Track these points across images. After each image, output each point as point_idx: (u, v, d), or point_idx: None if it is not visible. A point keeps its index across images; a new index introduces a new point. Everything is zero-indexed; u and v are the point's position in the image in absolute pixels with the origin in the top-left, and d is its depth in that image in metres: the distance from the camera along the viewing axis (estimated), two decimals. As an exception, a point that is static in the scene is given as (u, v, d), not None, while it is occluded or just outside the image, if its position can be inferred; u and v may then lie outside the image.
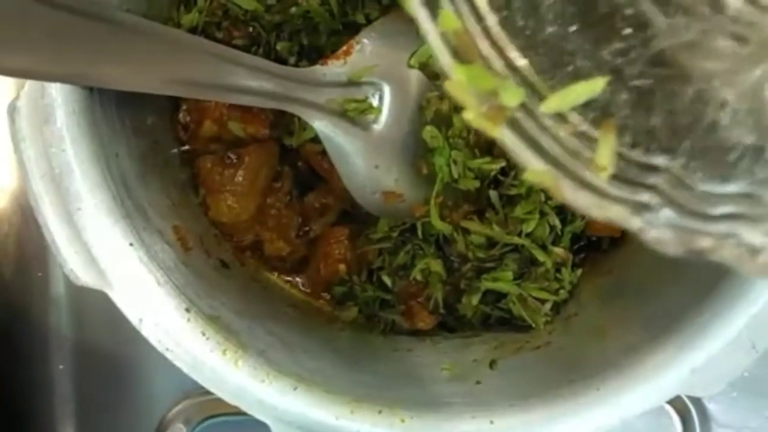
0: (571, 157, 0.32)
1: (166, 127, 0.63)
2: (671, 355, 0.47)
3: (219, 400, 0.48)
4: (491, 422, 0.47)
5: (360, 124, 0.58)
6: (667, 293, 0.53)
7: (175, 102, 0.64)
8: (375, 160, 0.59)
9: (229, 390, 0.48)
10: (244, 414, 0.49)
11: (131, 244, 0.48)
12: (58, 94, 0.46)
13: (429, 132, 0.59)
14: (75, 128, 0.47)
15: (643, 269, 0.60)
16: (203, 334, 0.48)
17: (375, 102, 0.58)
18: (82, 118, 0.47)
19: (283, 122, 0.64)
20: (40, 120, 0.46)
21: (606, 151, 0.32)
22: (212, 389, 0.48)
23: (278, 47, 0.62)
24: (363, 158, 0.58)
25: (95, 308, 0.75)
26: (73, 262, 0.47)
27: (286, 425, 0.47)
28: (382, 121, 0.59)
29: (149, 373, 0.75)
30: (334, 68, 0.57)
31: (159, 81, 0.49)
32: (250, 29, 0.62)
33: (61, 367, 0.76)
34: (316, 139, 0.62)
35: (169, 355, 0.47)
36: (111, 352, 0.75)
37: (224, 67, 0.52)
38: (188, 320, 0.48)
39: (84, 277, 0.47)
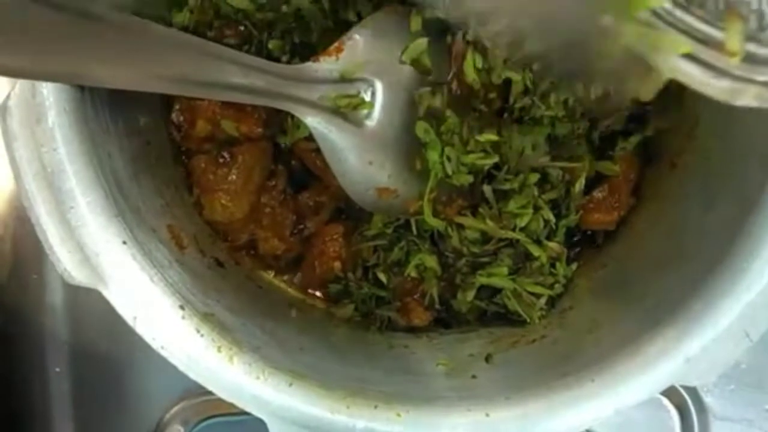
0: (702, 45, 0.34)
1: (158, 127, 0.63)
2: (666, 346, 0.47)
3: (217, 401, 0.48)
4: (487, 415, 0.47)
5: (353, 121, 0.58)
6: (661, 284, 0.53)
7: (167, 102, 0.64)
8: (368, 156, 0.59)
9: (224, 387, 0.48)
10: (242, 414, 0.49)
11: (124, 243, 0.48)
12: (49, 93, 0.46)
13: (421, 127, 0.59)
14: (66, 128, 0.47)
15: (637, 262, 0.60)
16: (198, 332, 0.48)
17: (367, 98, 0.58)
18: (73, 118, 0.47)
19: (276, 121, 0.64)
20: (31, 120, 0.46)
21: (735, 36, 0.32)
22: (207, 386, 0.48)
23: (270, 46, 0.62)
24: (356, 155, 0.58)
25: (91, 310, 0.75)
26: (66, 261, 0.46)
27: (282, 421, 0.47)
28: (374, 118, 0.59)
29: (146, 375, 0.75)
30: (326, 65, 0.57)
31: (150, 79, 0.48)
32: (242, 28, 0.62)
33: (57, 369, 0.75)
34: (309, 138, 0.62)
35: (163, 353, 0.47)
36: (108, 353, 0.75)
37: (216, 64, 0.52)
38: (183, 318, 0.48)
39: (77, 275, 0.47)
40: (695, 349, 0.47)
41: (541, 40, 0.54)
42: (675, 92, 0.62)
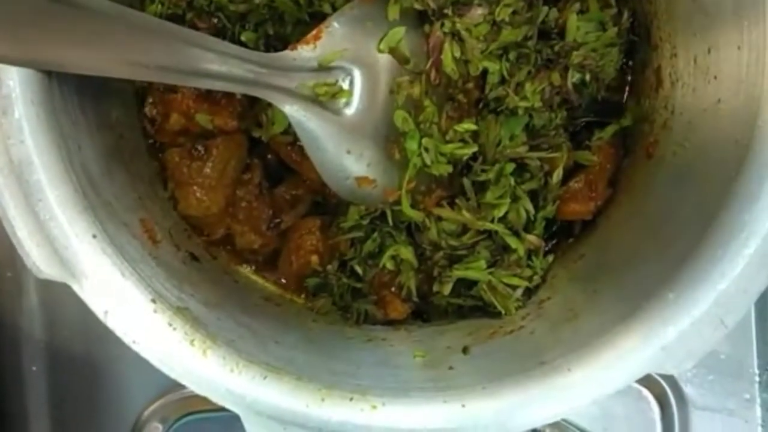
0: None
1: (132, 121, 0.62)
2: (642, 334, 0.47)
3: (195, 398, 0.48)
4: (463, 406, 0.47)
5: (331, 109, 0.58)
6: (637, 273, 0.53)
7: (141, 95, 0.63)
8: (346, 145, 0.58)
9: (198, 381, 0.47)
10: (220, 410, 0.48)
11: (94, 236, 0.47)
12: (15, 85, 0.45)
13: (400, 116, 0.59)
14: (34, 119, 0.46)
15: (613, 252, 0.60)
16: (170, 325, 0.47)
17: (345, 86, 0.58)
18: (41, 109, 0.46)
19: (251, 114, 0.63)
20: (-3, 112, 0.46)
21: None
22: (181, 380, 0.47)
23: (243, 38, 0.61)
24: (334, 143, 0.58)
25: (67, 308, 0.74)
26: (35, 255, 0.46)
27: (257, 415, 0.47)
28: (353, 106, 0.58)
29: (124, 373, 0.75)
30: (303, 53, 0.56)
31: (126, 65, 0.47)
32: (215, 20, 0.62)
33: (33, 368, 0.75)
34: (285, 131, 0.62)
35: (136, 348, 0.47)
36: (84, 352, 0.74)
37: (192, 51, 0.51)
38: (154, 311, 0.47)
39: (46, 269, 0.46)
40: (671, 337, 0.47)
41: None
42: (651, 82, 0.62)
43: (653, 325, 0.47)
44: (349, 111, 0.59)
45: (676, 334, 0.47)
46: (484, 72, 0.62)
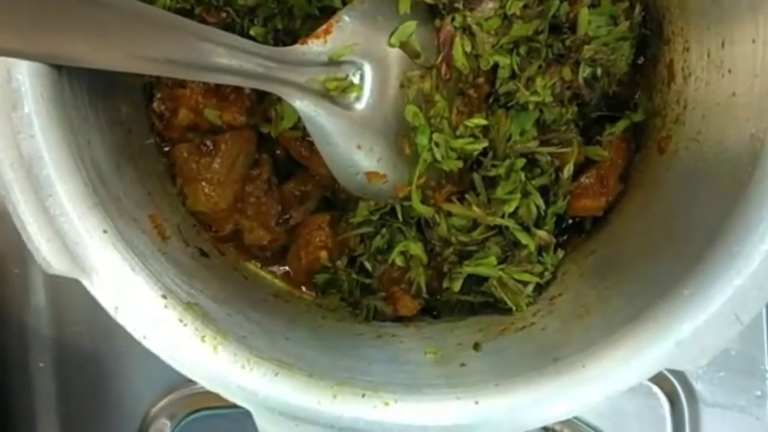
0: None
1: (140, 117, 0.62)
2: (656, 330, 0.47)
3: (203, 394, 0.48)
4: (476, 402, 0.47)
5: (341, 104, 0.57)
6: (650, 269, 0.53)
7: (149, 91, 0.63)
8: (357, 140, 0.58)
9: (209, 377, 0.47)
10: (229, 407, 0.48)
11: (105, 232, 0.47)
12: (25, 79, 0.45)
13: (411, 111, 0.58)
14: (44, 114, 0.46)
15: (626, 248, 0.60)
16: (181, 321, 0.47)
17: (356, 81, 0.57)
18: (51, 104, 0.46)
19: (260, 109, 0.63)
20: (7, 106, 0.45)
21: None
22: (192, 376, 0.47)
23: (252, 32, 0.61)
24: (345, 138, 0.57)
25: (75, 305, 0.74)
26: (45, 250, 0.46)
27: (268, 411, 0.47)
28: (363, 101, 0.58)
29: (132, 369, 0.74)
30: (314, 47, 0.56)
31: (135, 59, 0.47)
32: (224, 15, 0.61)
33: (41, 364, 0.74)
34: (294, 127, 0.61)
35: (146, 343, 0.46)
36: (92, 348, 0.74)
37: (202, 45, 0.50)
38: (165, 307, 0.47)
39: (57, 265, 0.46)
40: (686, 334, 0.46)
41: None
42: (663, 76, 0.62)
43: (668, 322, 0.47)
44: (360, 106, 0.58)
45: (691, 330, 0.46)
46: (495, 66, 0.61)
